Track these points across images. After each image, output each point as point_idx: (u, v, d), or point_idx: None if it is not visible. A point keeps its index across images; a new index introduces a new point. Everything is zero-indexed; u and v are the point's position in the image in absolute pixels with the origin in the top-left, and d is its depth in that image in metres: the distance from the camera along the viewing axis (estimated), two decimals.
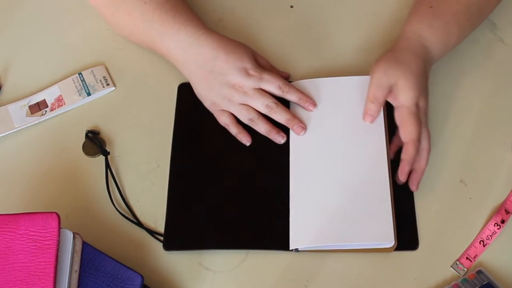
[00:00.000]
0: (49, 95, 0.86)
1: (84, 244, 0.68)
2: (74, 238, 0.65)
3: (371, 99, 0.76)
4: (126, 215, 0.77)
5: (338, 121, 0.79)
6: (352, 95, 0.80)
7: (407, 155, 0.74)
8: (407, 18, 0.83)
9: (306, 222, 0.74)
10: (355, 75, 0.81)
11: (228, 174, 0.79)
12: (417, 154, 0.75)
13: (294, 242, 0.73)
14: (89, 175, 0.80)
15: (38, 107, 0.85)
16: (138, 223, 0.77)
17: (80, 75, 0.87)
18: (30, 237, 0.62)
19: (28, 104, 0.85)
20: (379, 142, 0.76)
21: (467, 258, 0.74)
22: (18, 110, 0.85)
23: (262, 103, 0.79)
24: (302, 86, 0.82)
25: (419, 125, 0.75)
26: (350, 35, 0.90)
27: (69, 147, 0.82)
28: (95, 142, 0.82)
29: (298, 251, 0.73)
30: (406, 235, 0.74)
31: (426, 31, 0.79)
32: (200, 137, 0.82)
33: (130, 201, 0.79)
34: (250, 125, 0.80)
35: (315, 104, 0.80)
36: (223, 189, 0.78)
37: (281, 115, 0.79)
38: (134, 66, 0.88)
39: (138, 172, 0.81)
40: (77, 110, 0.85)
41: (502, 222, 0.75)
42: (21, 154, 0.82)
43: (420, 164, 0.76)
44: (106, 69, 0.88)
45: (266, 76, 0.79)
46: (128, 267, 0.69)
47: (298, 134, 0.79)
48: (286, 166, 0.79)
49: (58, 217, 0.63)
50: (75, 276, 0.65)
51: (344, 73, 0.84)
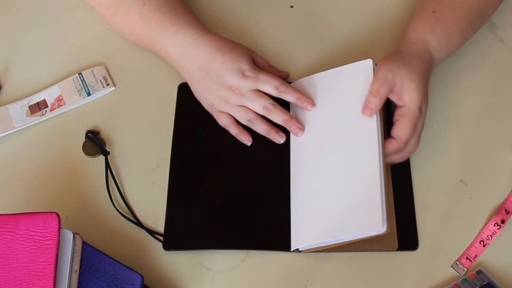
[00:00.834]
0: (49, 95, 0.86)
1: (84, 244, 0.68)
2: (74, 238, 0.65)
3: (374, 93, 0.75)
4: (126, 215, 0.77)
5: (334, 116, 0.78)
6: (346, 86, 0.79)
7: (387, 149, 0.74)
8: (410, 22, 0.82)
9: (305, 222, 0.73)
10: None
11: (228, 174, 0.79)
12: (395, 153, 0.75)
13: (295, 242, 0.73)
14: (89, 175, 0.80)
15: (38, 107, 0.85)
16: (138, 223, 0.77)
17: (80, 75, 0.87)
18: (30, 237, 0.62)
19: (28, 104, 0.85)
20: (371, 133, 0.74)
21: (467, 258, 0.74)
22: (18, 110, 0.85)
23: (259, 105, 0.79)
24: (299, 85, 0.82)
25: (414, 130, 0.75)
26: (350, 35, 0.90)
27: (69, 147, 0.82)
28: (95, 142, 0.82)
29: (299, 252, 0.73)
30: (406, 236, 0.74)
31: (430, 36, 0.79)
32: (200, 137, 0.82)
33: (130, 201, 0.79)
34: (249, 125, 0.80)
35: (314, 103, 0.80)
36: (223, 189, 0.78)
37: (278, 116, 0.79)
38: (134, 66, 0.88)
39: (138, 172, 0.81)
40: (77, 110, 0.85)
41: (502, 222, 0.75)
42: (21, 154, 0.82)
43: (389, 159, 0.75)
44: (106, 69, 0.88)
45: (263, 77, 0.79)
46: (128, 267, 0.69)
47: (296, 135, 0.79)
48: (286, 165, 0.79)
49: (58, 217, 0.63)
50: (75, 276, 0.65)
51: None
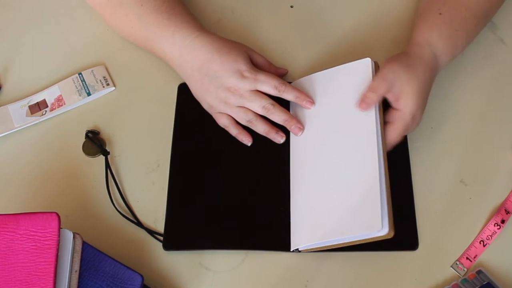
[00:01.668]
0: (49, 95, 0.86)
1: (84, 244, 0.68)
2: (74, 238, 0.65)
3: (371, 89, 0.75)
4: (126, 215, 0.77)
5: (333, 114, 0.78)
6: (345, 84, 0.79)
7: None
8: (416, 24, 0.82)
9: (305, 222, 0.73)
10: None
11: (228, 174, 0.79)
12: None
13: (295, 242, 0.73)
14: (89, 175, 0.80)
15: (38, 107, 0.85)
16: (138, 223, 0.77)
17: (80, 75, 0.87)
18: (30, 237, 0.62)
19: (28, 104, 0.85)
20: (370, 133, 0.74)
21: (467, 258, 0.74)
22: (18, 110, 0.85)
23: (258, 105, 0.79)
24: (298, 84, 0.82)
25: (403, 135, 0.75)
26: (350, 35, 0.90)
27: (69, 147, 0.82)
28: (95, 142, 0.82)
29: (299, 252, 0.73)
30: (406, 236, 0.74)
31: (437, 39, 0.79)
32: (200, 137, 0.82)
33: (130, 201, 0.79)
34: (248, 126, 0.80)
35: (313, 102, 0.80)
36: (223, 189, 0.78)
37: (278, 116, 0.79)
38: (134, 66, 0.88)
39: (138, 172, 0.81)
40: (77, 110, 0.85)
41: (502, 222, 0.75)
42: (21, 154, 0.82)
43: None
44: (106, 69, 0.88)
45: (262, 77, 0.78)
46: (128, 267, 0.69)
47: (296, 134, 0.79)
48: (286, 165, 0.79)
49: (58, 217, 0.63)
50: (75, 276, 0.65)
51: None
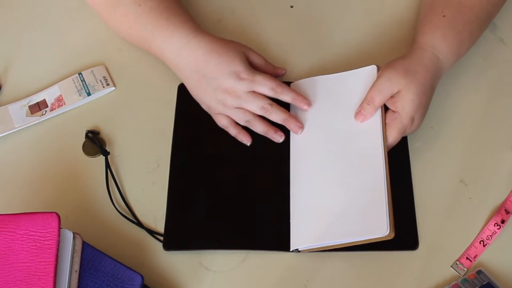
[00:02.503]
0: (49, 95, 0.86)
1: (84, 244, 0.68)
2: (74, 238, 0.65)
3: (368, 101, 0.76)
4: (126, 215, 0.77)
5: (336, 118, 0.79)
6: (349, 90, 0.79)
7: None
8: (420, 26, 0.82)
9: (306, 222, 0.74)
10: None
11: (228, 174, 0.79)
12: None
13: (295, 242, 0.73)
14: (89, 175, 0.80)
15: (38, 107, 0.85)
16: (138, 223, 0.77)
17: (80, 75, 0.87)
18: (30, 237, 0.62)
19: (28, 104, 0.85)
20: (375, 136, 0.75)
21: (467, 258, 0.74)
22: (18, 110, 0.85)
23: (256, 106, 0.79)
24: (301, 85, 0.82)
25: (399, 138, 0.75)
26: (350, 35, 0.90)
27: (69, 147, 0.82)
28: (95, 142, 0.82)
29: (299, 252, 0.73)
30: (406, 235, 0.74)
31: (440, 42, 0.78)
32: (200, 137, 0.82)
33: (130, 201, 0.79)
34: (247, 126, 0.80)
35: (310, 103, 0.80)
36: (223, 189, 0.78)
37: (277, 115, 0.79)
38: (134, 66, 0.88)
39: (138, 172, 0.80)
40: (77, 110, 0.85)
41: (502, 222, 0.75)
42: (21, 154, 0.82)
43: None
44: (106, 69, 0.88)
45: (259, 78, 0.78)
46: (128, 267, 0.69)
47: (296, 133, 0.79)
48: (286, 165, 0.79)
49: (58, 217, 0.63)
50: (75, 276, 0.65)
51: None
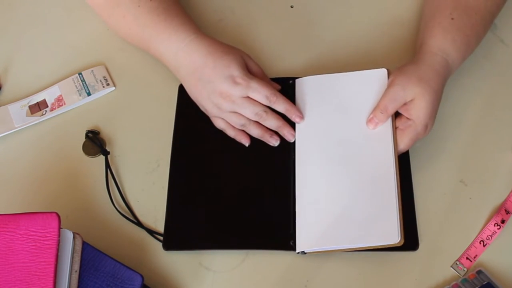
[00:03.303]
0: (49, 95, 0.86)
1: (84, 244, 0.68)
2: (74, 238, 0.65)
3: (381, 109, 0.75)
4: (126, 215, 0.77)
5: (344, 120, 0.78)
6: (358, 92, 0.79)
7: None
8: (428, 29, 0.81)
9: (314, 225, 0.73)
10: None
11: (228, 174, 0.79)
12: None
13: (301, 244, 0.73)
14: (89, 175, 0.80)
15: (38, 107, 0.85)
16: (138, 223, 0.77)
17: (80, 75, 0.87)
18: (30, 237, 0.62)
19: (28, 104, 0.85)
20: (386, 142, 0.75)
21: (467, 258, 0.74)
22: (18, 110, 0.85)
23: (251, 112, 0.78)
24: (307, 82, 0.82)
25: (412, 144, 0.76)
26: (351, 35, 0.90)
27: (69, 147, 0.82)
28: (95, 142, 0.82)
29: (305, 253, 0.73)
30: (406, 236, 0.74)
31: (450, 46, 0.78)
32: (200, 136, 0.82)
33: (130, 201, 0.79)
34: (243, 129, 0.80)
35: (302, 116, 0.80)
36: (223, 189, 0.78)
37: (271, 122, 0.79)
38: (134, 66, 0.88)
39: (138, 172, 0.81)
40: (77, 110, 0.85)
41: (502, 222, 0.75)
42: (21, 154, 0.82)
43: None
44: (106, 69, 0.88)
45: (254, 84, 0.77)
46: (128, 267, 0.69)
47: (289, 140, 0.79)
48: (287, 165, 0.78)
49: (58, 217, 0.63)
50: (75, 276, 0.65)
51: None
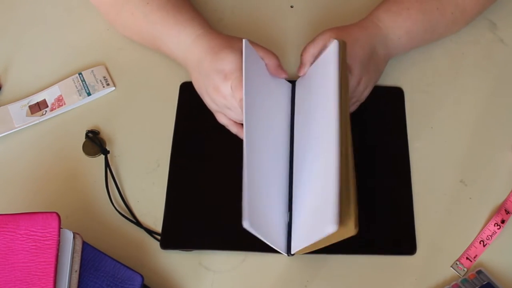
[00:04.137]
0: (49, 95, 0.86)
1: (84, 244, 0.68)
2: (74, 238, 0.65)
3: (303, 53, 0.78)
4: (126, 215, 0.77)
5: (311, 114, 0.76)
6: (318, 78, 0.76)
7: None
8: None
9: (296, 226, 0.72)
10: None
11: (228, 174, 0.79)
12: None
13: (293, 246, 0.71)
14: (89, 175, 0.80)
15: (38, 107, 0.85)
16: (137, 223, 0.77)
17: (80, 75, 0.87)
18: (30, 237, 0.62)
19: (28, 104, 0.85)
20: (331, 137, 0.68)
21: (467, 258, 0.74)
22: (18, 110, 0.85)
23: (236, 114, 0.77)
24: (299, 84, 0.81)
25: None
26: None
27: (69, 147, 0.82)
28: (95, 142, 0.82)
29: (293, 255, 0.72)
30: (404, 240, 0.74)
31: (382, 14, 0.81)
32: (201, 136, 0.82)
33: (130, 201, 0.79)
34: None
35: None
36: (223, 189, 0.78)
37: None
38: (135, 66, 0.88)
39: (138, 172, 0.81)
40: (77, 110, 0.85)
41: (502, 222, 0.75)
42: (21, 154, 0.82)
43: None
44: (106, 69, 0.88)
45: (236, 83, 0.73)
46: (128, 267, 0.69)
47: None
48: (288, 167, 0.78)
49: (58, 217, 0.63)
50: (75, 276, 0.65)
51: None
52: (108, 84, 0.86)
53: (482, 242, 0.74)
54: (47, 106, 0.85)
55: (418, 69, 0.87)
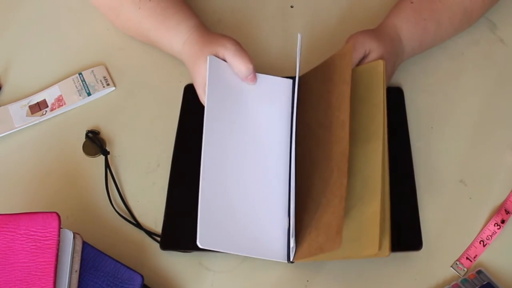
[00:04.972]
0: (49, 95, 0.86)
1: (84, 244, 0.68)
2: (74, 238, 0.65)
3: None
4: (125, 216, 0.77)
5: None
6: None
7: None
8: (389, 13, 0.84)
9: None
10: None
11: None
12: None
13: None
14: (89, 175, 0.80)
15: (38, 107, 0.85)
16: (137, 224, 0.77)
17: (80, 75, 0.87)
18: (30, 237, 0.62)
19: (28, 104, 0.85)
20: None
21: (467, 258, 0.74)
22: (18, 110, 0.85)
23: None
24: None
25: None
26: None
27: (69, 147, 0.82)
28: (95, 142, 0.82)
29: (292, 263, 0.72)
30: (410, 236, 0.74)
31: (402, 23, 0.81)
32: (202, 137, 0.82)
33: (130, 201, 0.79)
34: None
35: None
36: None
37: None
38: (135, 66, 0.88)
39: (138, 172, 0.81)
40: (77, 110, 0.85)
41: (502, 222, 0.75)
42: (21, 154, 0.82)
43: None
44: (106, 69, 0.88)
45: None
46: (128, 267, 0.69)
47: None
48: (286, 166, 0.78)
49: (58, 217, 0.63)
50: (75, 276, 0.65)
51: None
52: (108, 84, 0.86)
53: (482, 242, 0.74)
54: (47, 106, 0.85)
55: (418, 69, 0.87)
